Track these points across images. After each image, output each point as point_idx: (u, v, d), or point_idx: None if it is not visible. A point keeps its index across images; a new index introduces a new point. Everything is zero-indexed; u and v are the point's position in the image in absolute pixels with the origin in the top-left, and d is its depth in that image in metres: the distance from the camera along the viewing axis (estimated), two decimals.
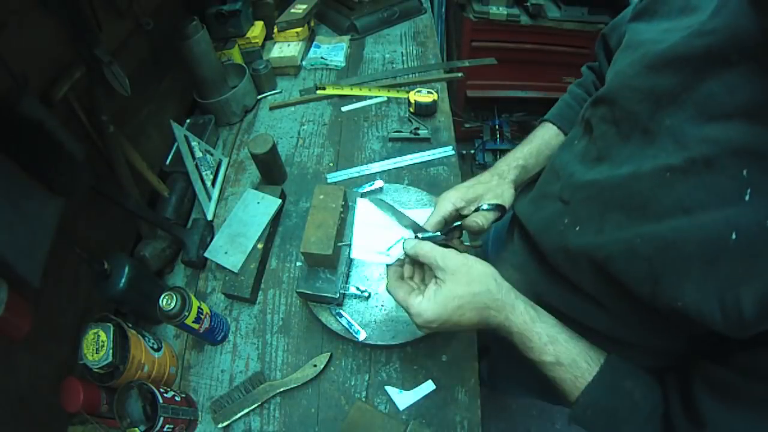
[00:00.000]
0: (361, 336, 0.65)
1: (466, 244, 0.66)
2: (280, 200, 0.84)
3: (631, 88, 0.43)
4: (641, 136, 0.41)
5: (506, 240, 0.63)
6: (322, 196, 0.69)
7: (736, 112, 0.33)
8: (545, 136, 0.66)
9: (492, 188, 0.59)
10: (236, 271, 0.76)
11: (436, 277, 0.45)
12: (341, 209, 0.69)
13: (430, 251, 0.46)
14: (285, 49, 1.20)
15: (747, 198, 0.31)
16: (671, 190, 0.36)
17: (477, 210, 0.57)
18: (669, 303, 0.35)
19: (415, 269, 0.50)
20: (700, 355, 0.39)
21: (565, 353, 0.43)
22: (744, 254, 0.31)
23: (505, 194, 0.58)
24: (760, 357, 0.33)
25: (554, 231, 0.48)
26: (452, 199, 0.57)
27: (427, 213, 0.58)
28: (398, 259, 0.51)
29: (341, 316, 0.67)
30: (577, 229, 0.45)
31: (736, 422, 0.35)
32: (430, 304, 0.44)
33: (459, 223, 0.58)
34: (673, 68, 0.38)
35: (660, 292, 0.35)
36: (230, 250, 0.78)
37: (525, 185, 0.66)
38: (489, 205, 0.56)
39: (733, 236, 0.31)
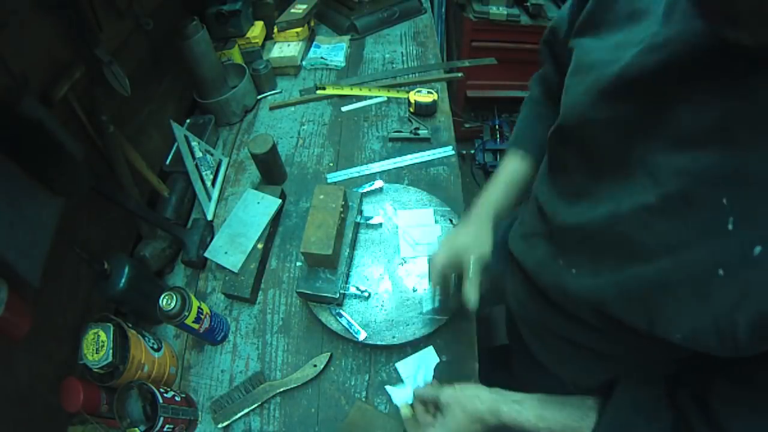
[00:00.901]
0: (361, 336, 0.65)
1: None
2: (280, 200, 0.84)
3: (593, 121, 0.40)
4: (614, 170, 0.39)
5: (507, 272, 0.63)
6: (322, 196, 0.70)
7: (705, 137, 0.31)
8: (512, 170, 0.63)
9: (472, 244, 0.58)
10: (236, 271, 0.76)
11: (440, 407, 0.54)
12: (341, 209, 0.69)
13: (431, 390, 0.56)
14: (285, 49, 1.20)
15: (730, 227, 0.29)
16: (652, 231, 0.34)
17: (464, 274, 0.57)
18: (666, 336, 0.34)
19: (428, 405, 0.57)
20: (709, 370, 0.39)
21: (555, 423, 0.47)
22: (733, 285, 0.30)
23: (485, 245, 0.58)
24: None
25: (550, 272, 0.48)
26: (439, 266, 0.59)
27: (426, 213, 0.58)
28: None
29: (341, 316, 0.67)
30: (574, 272, 0.44)
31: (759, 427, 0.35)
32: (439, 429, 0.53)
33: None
34: (632, 94, 0.36)
35: (657, 328, 0.35)
36: (230, 250, 0.78)
37: (512, 215, 0.66)
38: (473, 271, 0.56)
39: (720, 272, 0.30)
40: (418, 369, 0.64)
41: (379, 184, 0.83)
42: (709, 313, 0.31)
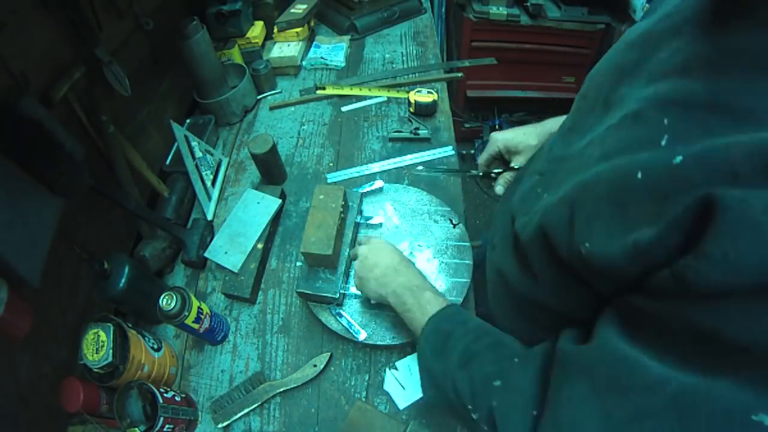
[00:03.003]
0: (361, 336, 0.65)
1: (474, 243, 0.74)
2: (280, 200, 0.84)
3: (604, 64, 0.45)
4: (602, 106, 0.42)
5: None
6: (322, 196, 0.70)
7: (671, 72, 0.34)
8: None
9: (528, 148, 0.67)
10: (236, 271, 0.76)
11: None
12: (341, 209, 0.69)
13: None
14: (285, 49, 1.20)
15: (663, 143, 0.31)
16: (603, 144, 0.38)
17: (506, 169, 0.69)
18: (578, 249, 0.35)
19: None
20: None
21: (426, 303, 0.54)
22: (649, 194, 0.30)
23: (516, 137, 0.67)
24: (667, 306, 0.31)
25: (529, 202, 0.50)
26: (498, 142, 0.69)
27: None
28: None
29: (341, 316, 0.67)
30: (545, 196, 0.47)
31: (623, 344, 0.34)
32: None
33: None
34: (639, 43, 0.40)
35: (572, 238, 0.36)
36: (230, 250, 0.78)
37: None
38: (489, 148, 0.69)
39: (639, 175, 0.31)
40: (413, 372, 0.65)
41: (379, 184, 0.83)
42: (622, 221, 0.32)
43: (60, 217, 0.60)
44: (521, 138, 0.67)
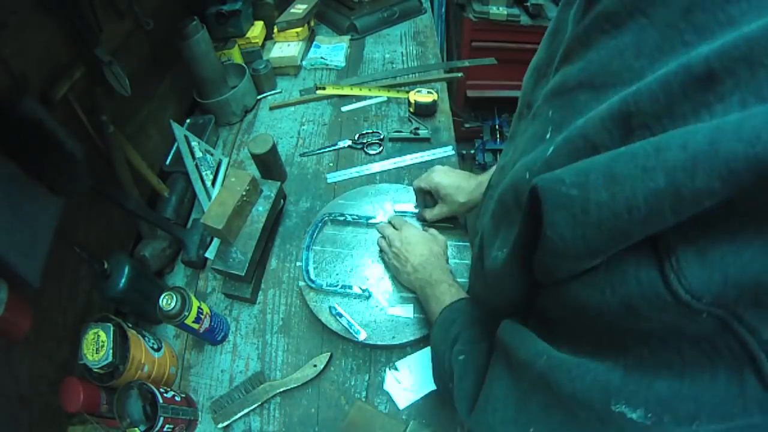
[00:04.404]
0: (361, 336, 0.65)
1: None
2: (279, 182, 0.83)
3: (528, 70, 0.45)
4: (527, 111, 0.42)
5: None
6: (233, 179, 0.74)
7: (559, 64, 0.33)
8: None
9: (454, 203, 0.71)
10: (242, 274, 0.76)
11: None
12: (244, 193, 0.73)
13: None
14: (285, 49, 1.20)
15: (548, 136, 0.30)
16: (517, 150, 0.37)
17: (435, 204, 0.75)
18: (488, 264, 0.36)
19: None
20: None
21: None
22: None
23: (459, 200, 0.70)
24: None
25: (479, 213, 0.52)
26: (433, 182, 0.72)
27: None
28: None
29: (341, 316, 0.67)
30: (483, 210, 0.48)
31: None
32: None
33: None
34: (547, 42, 0.39)
35: (486, 253, 0.37)
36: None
37: None
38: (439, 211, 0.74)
39: (527, 176, 0.30)
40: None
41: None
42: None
43: (60, 217, 0.60)
44: (452, 191, 0.71)
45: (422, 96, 0.99)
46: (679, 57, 0.22)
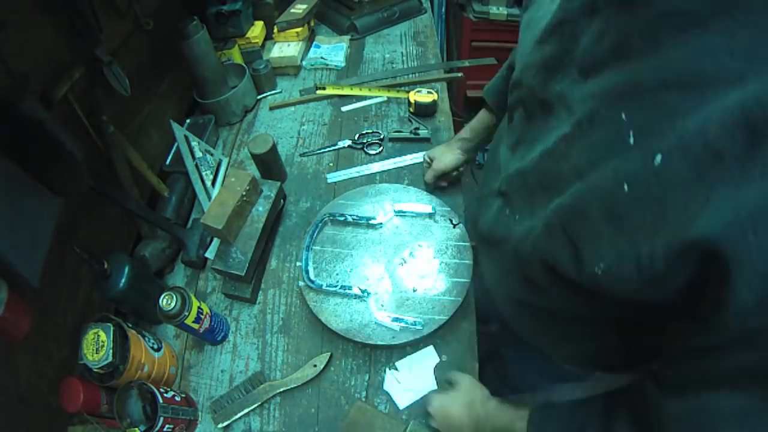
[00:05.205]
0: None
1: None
2: (279, 182, 0.83)
3: (528, 66, 0.43)
4: (540, 110, 0.40)
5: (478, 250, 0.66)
6: (233, 179, 0.74)
7: (606, 59, 0.31)
8: (480, 116, 0.83)
9: (438, 156, 0.83)
10: (242, 274, 0.76)
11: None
12: (244, 193, 0.72)
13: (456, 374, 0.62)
14: (285, 49, 1.20)
15: (632, 141, 0.29)
16: (569, 159, 0.35)
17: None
18: (591, 273, 0.33)
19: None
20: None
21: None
22: (643, 203, 0.28)
23: (446, 160, 0.81)
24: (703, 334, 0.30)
25: (500, 225, 0.49)
26: (425, 154, 0.84)
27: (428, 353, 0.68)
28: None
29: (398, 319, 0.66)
30: (516, 218, 0.45)
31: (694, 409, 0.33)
32: (438, 396, 0.60)
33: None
34: (556, 35, 0.38)
35: (581, 263, 0.34)
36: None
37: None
38: (429, 175, 0.84)
39: (626, 188, 0.29)
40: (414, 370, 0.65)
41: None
42: (626, 237, 0.30)
43: (60, 217, 0.60)
44: (435, 150, 0.84)
45: (422, 96, 0.99)
46: None
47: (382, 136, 0.98)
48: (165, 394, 0.58)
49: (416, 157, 0.93)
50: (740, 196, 0.23)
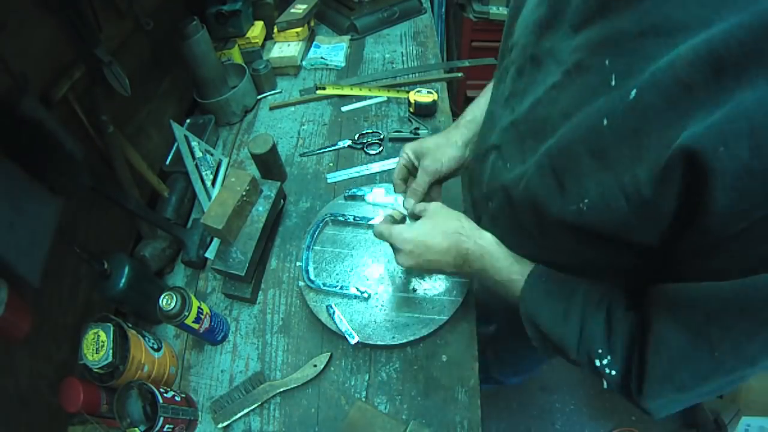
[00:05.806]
0: (354, 340, 0.65)
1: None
2: (279, 182, 0.83)
3: (523, 26, 0.46)
4: (531, 65, 0.43)
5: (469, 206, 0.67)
6: (233, 179, 0.74)
7: (593, 15, 0.34)
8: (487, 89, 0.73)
9: (432, 151, 0.64)
10: (242, 274, 0.76)
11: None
12: (244, 193, 0.72)
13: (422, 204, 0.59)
14: (285, 49, 1.20)
15: (613, 83, 0.32)
16: (558, 105, 0.38)
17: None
18: (577, 209, 0.36)
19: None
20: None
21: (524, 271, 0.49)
22: (621, 134, 0.31)
23: (444, 157, 0.63)
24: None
25: (497, 176, 0.50)
26: (406, 149, 0.65)
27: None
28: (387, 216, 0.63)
29: (337, 317, 0.67)
30: (508, 165, 0.47)
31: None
32: (407, 228, 0.55)
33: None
34: None
35: (568, 200, 0.37)
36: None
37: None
38: (420, 179, 0.64)
39: (605, 122, 0.32)
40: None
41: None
42: (609, 169, 0.33)
43: (60, 217, 0.60)
44: (426, 142, 0.65)
45: (422, 96, 0.99)
46: (747, 6, 0.25)
47: (382, 136, 0.98)
48: (165, 394, 0.58)
49: None
50: (710, 119, 0.26)
